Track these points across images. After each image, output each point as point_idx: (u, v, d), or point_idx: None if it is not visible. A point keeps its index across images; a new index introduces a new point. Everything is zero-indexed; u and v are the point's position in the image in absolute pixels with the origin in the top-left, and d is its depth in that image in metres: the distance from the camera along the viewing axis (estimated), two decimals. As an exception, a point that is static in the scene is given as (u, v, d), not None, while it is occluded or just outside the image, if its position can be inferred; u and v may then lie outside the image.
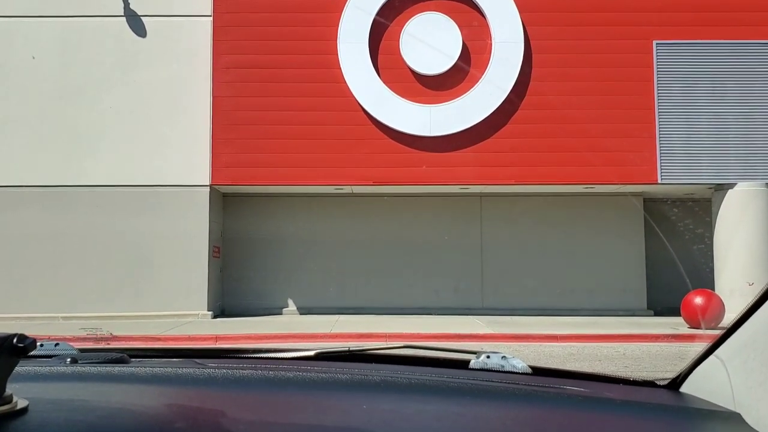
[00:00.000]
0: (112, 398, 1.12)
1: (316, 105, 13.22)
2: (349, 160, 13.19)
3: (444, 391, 1.26)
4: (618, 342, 10.77)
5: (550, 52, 13.28)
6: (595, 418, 1.20)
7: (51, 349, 1.55)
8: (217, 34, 13.39)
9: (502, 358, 1.54)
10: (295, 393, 1.23)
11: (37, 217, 13.15)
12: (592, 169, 13.14)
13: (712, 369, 1.31)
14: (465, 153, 13.19)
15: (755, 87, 13.21)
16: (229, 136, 13.24)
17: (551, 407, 1.23)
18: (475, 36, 13.24)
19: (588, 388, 1.42)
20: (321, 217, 14.81)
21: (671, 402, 1.34)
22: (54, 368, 1.31)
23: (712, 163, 13.19)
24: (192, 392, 1.21)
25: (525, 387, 1.33)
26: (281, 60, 13.27)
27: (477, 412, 1.17)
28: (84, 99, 13.53)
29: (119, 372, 1.29)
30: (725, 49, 13.27)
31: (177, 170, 13.37)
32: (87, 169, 13.37)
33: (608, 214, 14.94)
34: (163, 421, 1.03)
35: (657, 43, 13.29)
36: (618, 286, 14.77)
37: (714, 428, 1.18)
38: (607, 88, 13.18)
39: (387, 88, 13.13)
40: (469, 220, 15.04)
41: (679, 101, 13.23)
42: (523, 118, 13.23)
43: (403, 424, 1.10)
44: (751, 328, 1.21)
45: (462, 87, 13.26)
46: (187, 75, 13.57)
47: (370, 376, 1.32)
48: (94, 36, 13.66)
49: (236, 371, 1.32)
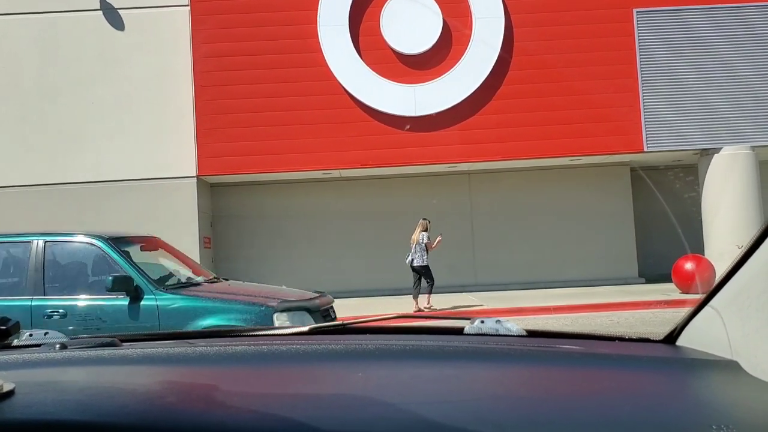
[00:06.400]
0: (102, 379, 1.10)
1: (299, 90, 13.13)
2: (336, 144, 13.14)
3: (440, 355, 1.25)
4: (611, 311, 10.84)
5: (531, 25, 13.23)
6: (592, 373, 1.20)
7: (41, 338, 1.53)
8: (195, 23, 13.24)
9: (496, 322, 1.52)
10: (289, 365, 1.21)
11: (23, 217, 13.04)
12: (578, 141, 13.15)
13: (707, 320, 1.31)
14: (451, 131, 13.17)
15: (737, 50, 13.22)
16: (214, 125, 13.14)
17: (548, 365, 1.22)
18: (455, 13, 13.16)
19: (583, 346, 1.41)
20: (310, 202, 14.77)
21: (668, 355, 1.33)
22: (43, 354, 1.29)
23: (697, 129, 13.23)
24: (184, 369, 1.19)
25: (521, 348, 1.32)
26: (261, 46, 13.16)
27: (474, 374, 1.16)
28: (65, 96, 13.38)
29: (109, 354, 1.27)
30: (705, 14, 13.26)
31: (163, 163, 13.28)
32: (72, 167, 13.25)
33: (596, 185, 14.98)
34: (155, 396, 1.01)
35: (637, 11, 13.26)
36: (609, 255, 14.84)
37: (712, 377, 1.18)
38: (590, 59, 13.16)
39: (370, 69, 13.05)
40: (459, 198, 15.05)
41: (662, 68, 13.23)
42: (507, 93, 13.21)
43: (400, 389, 1.09)
44: (745, 275, 1.20)
45: (445, 65, 13.20)
46: (167, 66, 13.43)
47: (364, 345, 1.30)
48: (72, 32, 13.48)
49: (228, 348, 1.30)
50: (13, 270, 6.23)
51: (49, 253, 6.11)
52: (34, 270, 5.99)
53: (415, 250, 11.57)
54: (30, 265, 6.03)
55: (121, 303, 5.77)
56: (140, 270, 5.97)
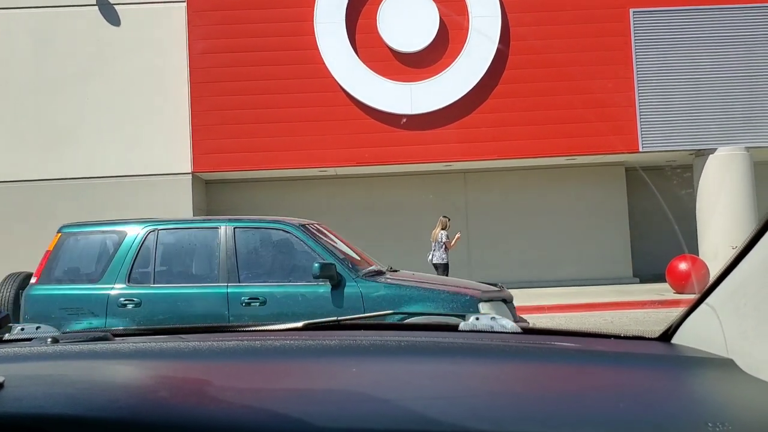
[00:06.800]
0: (94, 373, 1.09)
1: (296, 87, 13.10)
2: (332, 142, 13.12)
3: (435, 351, 1.25)
4: (605, 310, 10.86)
5: (527, 24, 13.23)
6: (588, 370, 1.19)
7: (32, 332, 1.51)
8: (191, 19, 13.20)
9: (491, 319, 1.52)
10: (283, 360, 1.20)
11: (17, 212, 13.00)
12: (574, 141, 13.17)
13: (703, 318, 1.30)
14: (447, 130, 13.16)
15: (733, 51, 13.25)
16: (209, 122, 13.11)
17: (544, 361, 1.21)
18: (452, 11, 13.15)
19: (579, 344, 1.41)
20: (306, 199, 14.76)
21: (663, 352, 1.33)
22: (34, 348, 1.28)
23: (692, 129, 13.26)
24: (176, 364, 1.18)
25: (516, 345, 1.32)
26: (258, 43, 13.13)
27: (470, 370, 1.16)
28: (60, 91, 13.33)
29: (101, 349, 1.26)
30: (702, 15, 13.28)
31: (158, 159, 13.24)
32: (67, 162, 13.20)
33: (591, 185, 15.01)
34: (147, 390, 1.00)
35: (633, 11, 13.27)
36: (604, 255, 14.87)
37: (707, 375, 1.18)
38: (586, 58, 13.17)
39: (366, 67, 13.04)
40: (455, 196, 15.05)
41: (658, 69, 13.25)
42: (503, 92, 13.21)
43: (395, 385, 1.08)
44: (741, 273, 1.20)
45: (441, 64, 13.19)
46: (163, 62, 13.39)
47: (359, 341, 1.30)
48: (68, 27, 13.43)
49: (221, 343, 1.29)
50: (202, 256, 6.10)
51: (240, 240, 6.01)
52: (226, 257, 5.90)
53: (435, 247, 11.84)
54: (221, 252, 5.93)
55: (323, 290, 5.69)
56: (339, 257, 5.89)
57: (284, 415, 0.92)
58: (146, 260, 5.97)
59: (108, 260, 5.98)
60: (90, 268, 6.10)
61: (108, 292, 5.79)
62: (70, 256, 6.18)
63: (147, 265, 5.96)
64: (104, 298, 5.78)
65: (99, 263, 6.06)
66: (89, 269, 6.09)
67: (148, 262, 5.97)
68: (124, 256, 5.94)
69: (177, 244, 6.16)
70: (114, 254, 5.99)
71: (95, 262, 6.09)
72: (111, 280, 5.86)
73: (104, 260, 6.03)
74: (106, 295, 5.78)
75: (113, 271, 5.89)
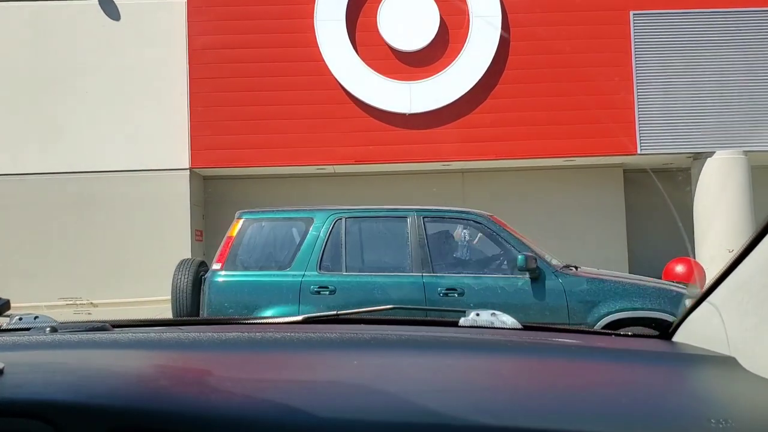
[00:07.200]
0: (93, 361, 1.09)
1: (295, 84, 13.09)
2: (330, 140, 13.10)
3: (436, 345, 1.24)
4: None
5: (528, 25, 13.22)
6: (589, 366, 1.19)
7: (30, 321, 1.51)
8: (191, 14, 13.17)
9: (491, 315, 1.52)
10: (283, 352, 1.20)
11: (13, 206, 12.97)
12: (573, 142, 13.17)
13: (705, 316, 1.30)
14: (446, 129, 13.16)
15: (732, 55, 13.26)
16: (208, 118, 13.08)
17: (544, 357, 1.21)
18: (452, 11, 13.15)
19: (579, 340, 1.41)
20: (303, 197, 14.71)
21: (665, 350, 1.33)
22: (33, 337, 1.27)
23: (690, 132, 13.27)
24: (176, 354, 1.18)
25: (517, 340, 1.32)
26: (258, 39, 13.11)
27: (470, 364, 1.15)
28: (58, 85, 13.29)
29: (100, 339, 1.26)
30: (702, 18, 13.29)
31: (156, 154, 13.21)
32: (65, 156, 13.16)
33: (589, 186, 15.00)
34: (147, 379, 0.99)
35: (634, 14, 13.28)
36: (600, 256, 14.84)
37: (708, 373, 1.17)
38: (585, 60, 13.17)
39: (366, 65, 13.03)
40: (452, 196, 15.02)
41: (657, 71, 13.26)
42: (502, 92, 13.21)
43: (395, 377, 1.08)
44: (745, 271, 1.20)
45: (441, 63, 13.18)
46: (163, 57, 13.36)
47: (359, 334, 1.29)
48: (67, 20, 13.39)
49: (221, 334, 1.29)
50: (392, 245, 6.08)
51: (430, 229, 5.94)
52: (418, 246, 5.82)
53: None
54: (411, 241, 5.85)
55: (522, 283, 5.64)
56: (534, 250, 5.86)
57: (285, 405, 0.92)
58: (336, 248, 5.94)
59: (296, 248, 5.95)
60: (277, 254, 6.08)
61: (299, 280, 5.76)
62: (255, 243, 6.17)
63: (337, 253, 5.93)
64: (296, 285, 5.75)
65: (286, 250, 6.02)
66: (276, 256, 6.07)
67: (338, 250, 5.94)
68: (312, 244, 5.90)
69: (364, 233, 6.14)
70: (302, 242, 5.95)
71: (282, 249, 6.07)
72: (301, 267, 5.82)
73: (291, 247, 6.00)
74: (297, 282, 5.75)
75: (303, 259, 5.85)
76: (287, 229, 6.20)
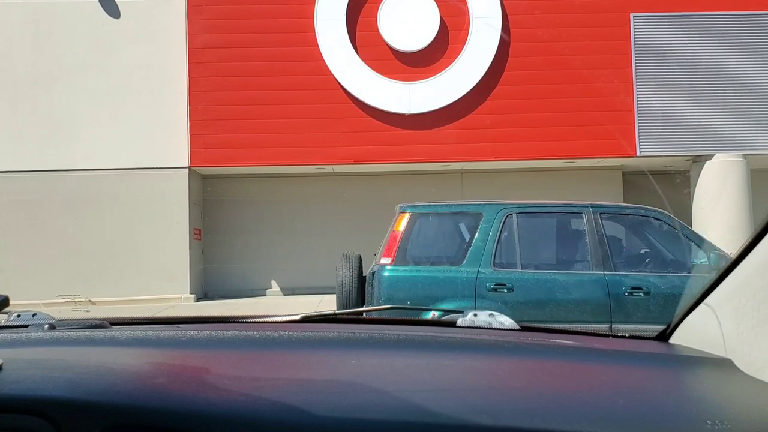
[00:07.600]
0: (91, 359, 1.09)
1: (295, 84, 13.09)
2: (329, 140, 13.10)
3: (433, 345, 1.25)
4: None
5: (528, 26, 13.23)
6: (586, 367, 1.19)
7: (29, 318, 1.51)
8: (191, 13, 13.17)
9: (489, 315, 1.52)
10: (281, 351, 1.20)
11: (14, 203, 12.96)
12: (572, 144, 13.18)
13: (701, 318, 1.31)
14: (445, 130, 13.16)
15: (731, 58, 13.27)
16: (207, 117, 13.08)
17: (542, 358, 1.21)
18: (452, 12, 13.15)
19: (576, 341, 1.41)
20: (302, 197, 14.73)
21: (661, 351, 1.33)
22: (31, 334, 1.27)
23: (689, 135, 13.28)
24: (174, 352, 1.18)
25: (514, 341, 1.32)
26: (258, 39, 13.11)
27: (468, 364, 1.16)
28: (58, 83, 13.28)
29: (98, 336, 1.26)
30: (702, 21, 13.30)
31: (155, 153, 13.21)
32: (64, 154, 13.16)
33: (588, 188, 14.98)
34: (145, 377, 1.00)
35: (634, 16, 13.29)
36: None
37: (705, 375, 1.18)
38: (586, 61, 13.18)
39: (366, 65, 13.03)
40: (451, 197, 15.03)
41: (657, 73, 13.27)
42: (502, 93, 13.21)
43: (393, 377, 1.08)
44: (741, 273, 1.20)
45: (441, 63, 13.19)
46: (162, 56, 13.36)
47: (357, 334, 1.30)
48: (67, 19, 13.38)
49: (219, 333, 1.29)
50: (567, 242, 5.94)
51: (608, 226, 5.80)
52: (597, 243, 5.69)
53: None
54: (590, 238, 5.73)
55: None
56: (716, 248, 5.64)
57: (283, 403, 0.92)
58: (509, 244, 5.84)
59: (467, 243, 5.85)
60: (447, 250, 5.99)
61: (474, 276, 5.66)
62: (424, 238, 6.06)
63: (510, 249, 5.83)
64: (472, 282, 5.64)
65: (456, 245, 5.92)
66: (447, 251, 5.97)
67: (511, 246, 5.83)
68: (484, 239, 5.79)
69: (535, 228, 6.08)
70: (473, 237, 5.84)
71: (452, 244, 5.98)
72: (474, 263, 5.70)
73: (461, 242, 5.90)
74: (473, 278, 5.64)
75: (476, 255, 5.74)
76: (455, 224, 6.09)
